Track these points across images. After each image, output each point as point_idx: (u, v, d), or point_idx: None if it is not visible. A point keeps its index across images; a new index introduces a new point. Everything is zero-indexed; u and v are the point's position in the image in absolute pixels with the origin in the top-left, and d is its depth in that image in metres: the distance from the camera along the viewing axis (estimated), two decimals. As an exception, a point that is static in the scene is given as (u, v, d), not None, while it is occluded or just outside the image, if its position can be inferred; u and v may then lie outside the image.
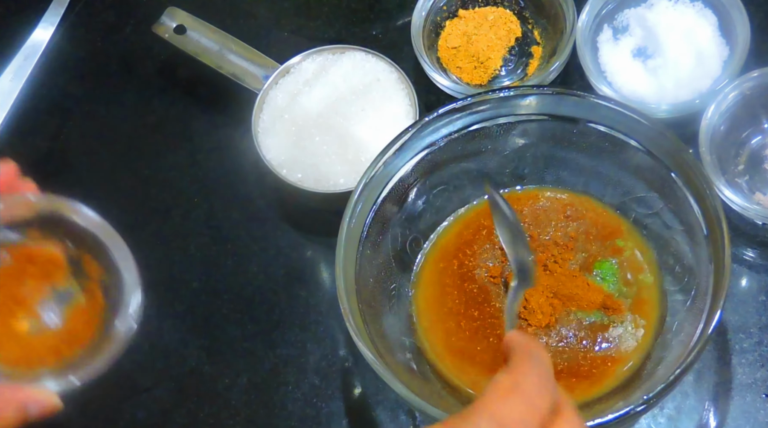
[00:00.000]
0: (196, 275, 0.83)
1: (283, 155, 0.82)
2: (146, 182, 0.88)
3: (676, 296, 0.72)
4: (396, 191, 0.74)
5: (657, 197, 0.74)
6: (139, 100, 0.92)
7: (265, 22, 0.95)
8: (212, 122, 0.90)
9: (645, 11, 0.84)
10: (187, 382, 0.79)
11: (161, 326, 0.81)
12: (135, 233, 0.85)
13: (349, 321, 0.67)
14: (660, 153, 0.71)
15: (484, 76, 0.86)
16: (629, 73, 0.83)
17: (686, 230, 0.71)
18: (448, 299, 0.75)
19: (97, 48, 0.95)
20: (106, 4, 0.97)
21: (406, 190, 0.75)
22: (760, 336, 0.76)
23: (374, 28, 0.92)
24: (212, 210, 0.86)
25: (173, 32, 0.88)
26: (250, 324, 0.81)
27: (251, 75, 0.86)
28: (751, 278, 0.78)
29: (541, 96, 0.73)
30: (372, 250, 0.73)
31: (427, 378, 0.72)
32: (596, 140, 0.74)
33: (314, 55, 0.86)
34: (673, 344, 0.69)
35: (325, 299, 0.81)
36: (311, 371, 0.78)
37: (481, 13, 0.88)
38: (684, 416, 0.74)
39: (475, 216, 0.78)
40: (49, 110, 0.92)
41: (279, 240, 0.84)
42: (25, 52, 0.92)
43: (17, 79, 0.91)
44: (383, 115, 0.83)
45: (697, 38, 0.83)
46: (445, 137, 0.74)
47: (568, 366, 0.71)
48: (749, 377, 0.74)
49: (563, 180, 0.78)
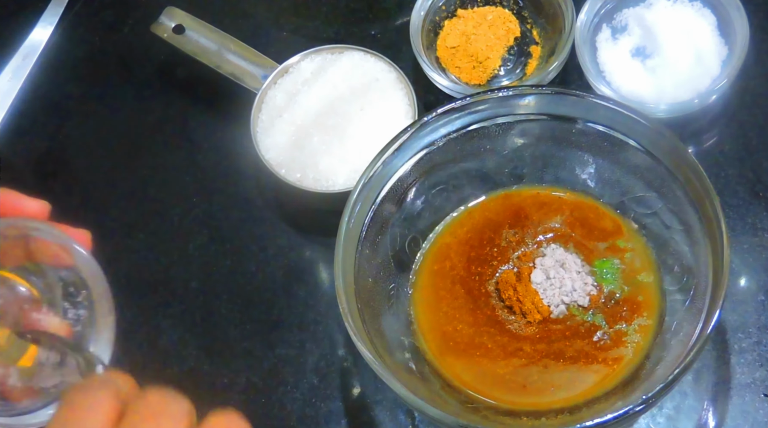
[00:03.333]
0: (195, 274, 0.83)
1: (281, 155, 0.82)
2: (145, 181, 0.88)
3: (675, 296, 0.72)
4: (395, 190, 0.74)
5: (656, 196, 0.74)
6: (138, 99, 0.92)
7: (263, 21, 0.95)
8: (211, 121, 0.90)
9: (644, 11, 0.84)
10: (185, 382, 0.79)
11: (159, 325, 0.81)
12: (133, 233, 0.86)
13: (348, 320, 0.67)
14: (659, 153, 0.71)
15: (483, 76, 0.86)
16: (627, 72, 0.83)
17: (685, 230, 0.71)
18: (446, 299, 0.75)
19: (96, 48, 0.95)
20: (104, 4, 0.97)
21: (405, 190, 0.75)
22: (759, 336, 0.76)
23: (373, 28, 0.92)
24: (211, 210, 0.86)
25: (172, 32, 0.88)
26: (249, 323, 0.81)
27: (250, 75, 0.86)
28: (750, 278, 0.78)
29: (540, 96, 0.73)
30: (371, 250, 0.73)
31: (425, 377, 0.72)
32: (595, 139, 0.74)
33: (313, 55, 0.86)
34: (672, 343, 0.69)
35: (323, 299, 0.81)
36: (310, 371, 0.78)
37: (479, 13, 0.88)
38: (683, 416, 0.74)
39: (474, 216, 0.78)
40: (48, 110, 0.92)
41: (278, 240, 0.84)
42: (24, 51, 0.92)
43: (16, 78, 0.91)
44: (382, 115, 0.83)
45: (697, 38, 0.83)
46: (444, 137, 0.74)
47: (567, 365, 0.71)
48: (748, 376, 0.74)
49: (562, 180, 0.78)
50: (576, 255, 0.75)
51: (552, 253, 0.75)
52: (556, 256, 0.75)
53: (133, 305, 0.82)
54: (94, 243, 0.85)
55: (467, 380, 0.72)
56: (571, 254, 0.75)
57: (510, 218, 0.77)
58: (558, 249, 0.75)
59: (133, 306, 0.82)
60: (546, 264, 0.74)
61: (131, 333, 0.81)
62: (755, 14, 0.86)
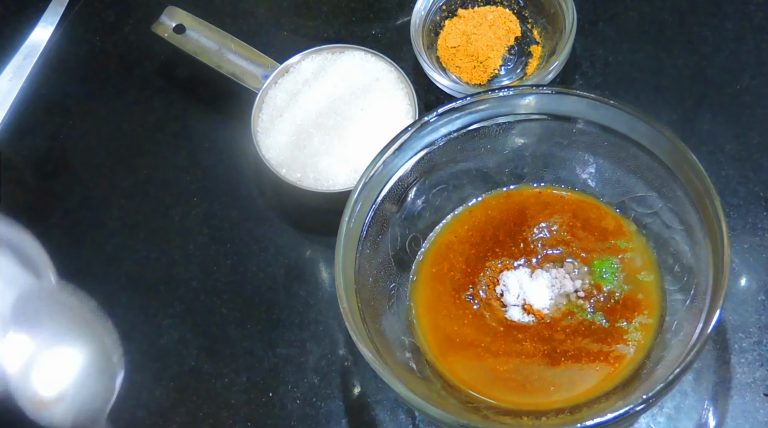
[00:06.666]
0: (196, 274, 0.83)
1: (282, 155, 0.82)
2: (145, 181, 0.88)
3: (675, 296, 0.72)
4: (395, 190, 0.74)
5: (656, 196, 0.74)
6: (139, 99, 0.92)
7: (264, 21, 0.95)
8: (211, 121, 0.90)
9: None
10: (186, 381, 0.79)
11: (160, 325, 0.81)
12: (134, 233, 0.86)
13: (349, 320, 0.67)
14: (659, 152, 0.71)
15: (484, 76, 0.86)
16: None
17: (686, 230, 0.71)
18: (447, 299, 0.75)
19: (97, 47, 0.95)
20: (105, 4, 0.97)
21: (406, 189, 0.75)
22: (760, 336, 0.76)
23: (373, 28, 0.92)
24: (211, 209, 0.86)
25: (172, 32, 0.88)
26: (250, 323, 0.81)
27: (250, 74, 0.86)
28: (751, 277, 0.78)
29: (541, 95, 0.73)
30: (371, 249, 0.73)
31: (426, 377, 0.72)
32: (595, 139, 0.74)
33: (313, 55, 0.86)
34: (672, 343, 0.69)
35: (324, 298, 0.81)
36: (310, 370, 0.78)
37: (480, 13, 0.88)
38: (683, 415, 0.74)
39: (475, 215, 0.78)
40: (49, 110, 0.92)
41: (278, 240, 0.84)
42: (25, 51, 0.92)
43: (17, 78, 0.91)
44: (382, 114, 0.83)
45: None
46: (445, 137, 0.74)
47: (568, 365, 0.71)
48: (748, 376, 0.74)
49: (562, 179, 0.78)
50: (576, 255, 0.75)
51: (552, 252, 0.75)
52: (556, 255, 0.75)
53: (133, 304, 0.82)
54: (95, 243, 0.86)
55: (468, 379, 0.72)
56: (571, 254, 0.75)
57: (511, 218, 0.77)
58: (558, 249, 0.75)
59: (133, 306, 0.82)
60: (546, 264, 0.75)
61: (131, 333, 0.81)
62: (756, 14, 0.86)
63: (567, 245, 0.75)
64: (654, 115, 0.71)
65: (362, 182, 0.71)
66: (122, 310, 0.82)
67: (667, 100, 0.86)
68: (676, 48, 0.88)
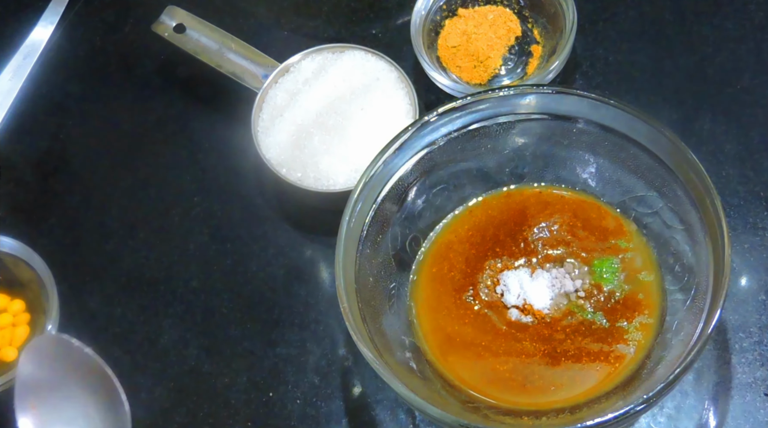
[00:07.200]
0: (196, 274, 0.83)
1: (282, 154, 0.82)
2: (145, 180, 0.88)
3: (675, 296, 0.72)
4: (396, 190, 0.74)
5: (657, 196, 0.74)
6: (139, 99, 0.92)
7: (264, 21, 0.95)
8: (212, 121, 0.90)
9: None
10: (186, 381, 0.79)
11: (160, 325, 0.81)
12: (134, 232, 0.86)
13: (349, 320, 0.67)
14: (660, 152, 0.71)
15: (484, 75, 0.86)
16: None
17: (686, 230, 0.71)
18: (447, 298, 0.75)
19: (97, 47, 0.95)
20: (105, 3, 0.97)
21: (406, 189, 0.75)
22: (760, 335, 0.76)
23: (374, 27, 0.92)
24: (211, 209, 0.86)
25: (173, 31, 0.88)
26: (250, 323, 0.81)
27: (251, 74, 0.86)
28: (751, 277, 0.78)
29: (541, 95, 0.73)
30: (371, 249, 0.73)
31: (426, 377, 0.72)
32: (596, 139, 0.74)
33: (314, 54, 0.86)
34: (672, 343, 0.69)
35: (324, 298, 0.81)
36: (311, 370, 0.78)
37: (480, 12, 0.88)
38: (684, 415, 0.74)
39: (475, 215, 0.78)
40: (49, 109, 0.92)
41: (278, 239, 0.84)
42: (25, 51, 0.92)
43: (17, 78, 0.91)
44: (383, 114, 0.83)
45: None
46: (445, 136, 0.74)
47: (568, 364, 0.71)
48: (749, 376, 0.74)
49: (563, 179, 0.78)
50: (577, 254, 0.75)
51: (553, 252, 0.75)
52: (556, 255, 0.75)
53: (133, 304, 0.82)
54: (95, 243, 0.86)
55: (468, 379, 0.72)
56: (571, 254, 0.75)
57: (511, 218, 0.77)
58: (559, 249, 0.75)
59: (133, 305, 0.82)
60: (547, 263, 0.75)
61: (131, 333, 0.81)
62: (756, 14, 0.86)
63: (567, 244, 0.75)
64: (654, 115, 0.71)
65: (362, 181, 0.71)
66: (122, 310, 0.82)
67: (667, 100, 0.86)
68: (677, 48, 0.88)
